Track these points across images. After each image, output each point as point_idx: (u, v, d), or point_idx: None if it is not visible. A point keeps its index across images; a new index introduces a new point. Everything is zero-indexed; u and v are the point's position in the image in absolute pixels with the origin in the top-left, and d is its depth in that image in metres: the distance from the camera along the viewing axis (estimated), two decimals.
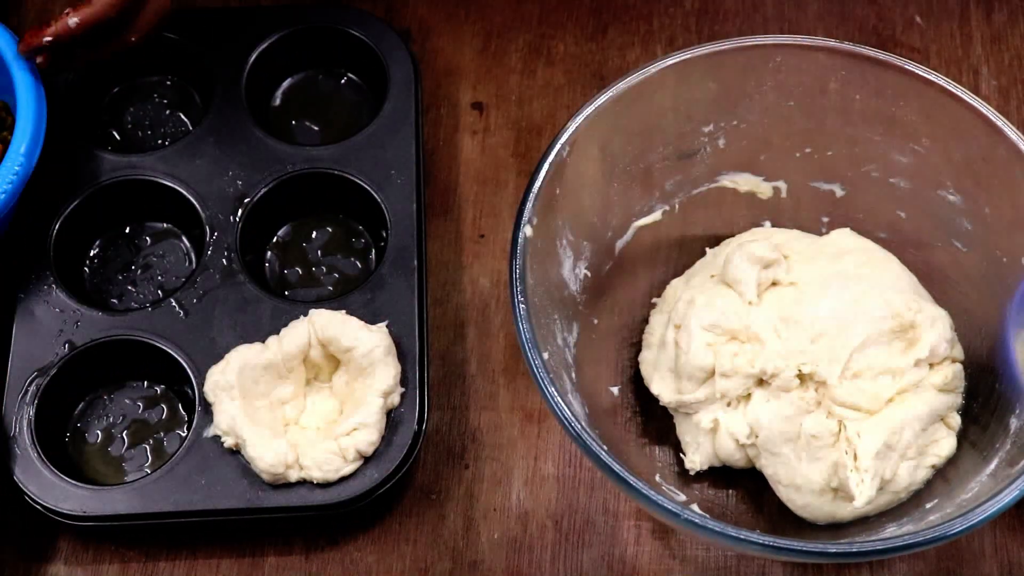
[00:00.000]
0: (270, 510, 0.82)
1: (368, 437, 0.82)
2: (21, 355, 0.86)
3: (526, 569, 0.84)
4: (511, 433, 0.88)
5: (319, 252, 0.94)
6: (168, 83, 1.00)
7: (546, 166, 0.79)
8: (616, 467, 0.72)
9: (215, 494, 0.82)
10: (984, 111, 0.80)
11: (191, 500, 0.82)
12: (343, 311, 0.86)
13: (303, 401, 0.86)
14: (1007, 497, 0.71)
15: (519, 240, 0.77)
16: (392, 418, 0.84)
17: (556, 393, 0.74)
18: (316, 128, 0.98)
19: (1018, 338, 0.80)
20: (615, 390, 0.87)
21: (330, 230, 0.94)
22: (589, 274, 0.85)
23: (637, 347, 0.87)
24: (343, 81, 1.00)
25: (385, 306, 0.87)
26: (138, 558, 0.85)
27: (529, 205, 0.78)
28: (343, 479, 0.82)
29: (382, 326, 0.86)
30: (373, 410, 0.83)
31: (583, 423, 0.74)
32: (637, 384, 0.87)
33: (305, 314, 0.86)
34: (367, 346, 0.84)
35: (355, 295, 0.88)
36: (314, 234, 0.94)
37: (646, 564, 0.84)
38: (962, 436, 0.82)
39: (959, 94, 0.81)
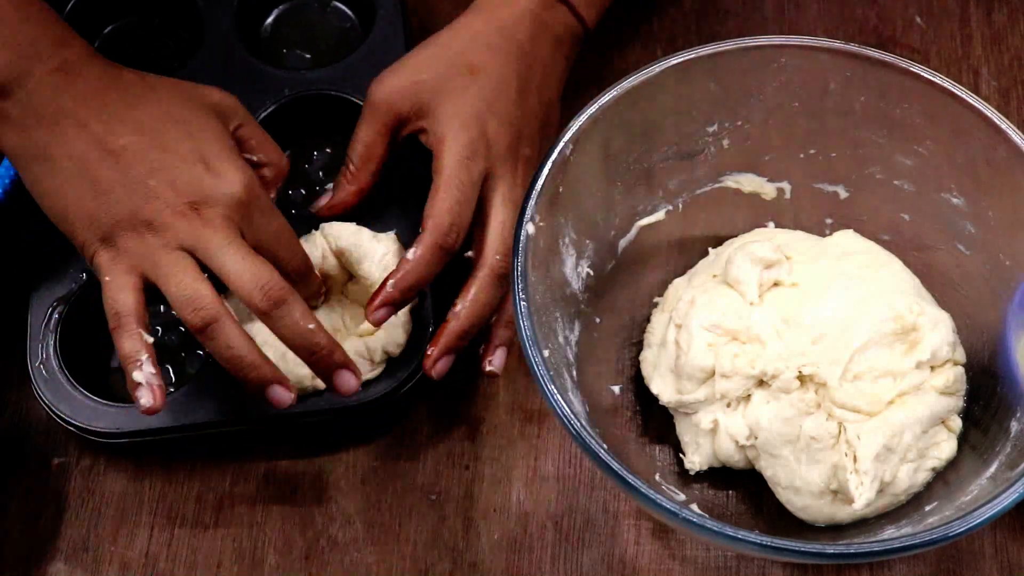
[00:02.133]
0: (298, 416, 0.83)
1: (396, 338, 0.84)
2: (41, 286, 0.88)
3: (526, 569, 0.84)
4: (511, 433, 0.88)
5: (320, 173, 0.95)
6: (158, 22, 1.00)
7: (549, 164, 0.79)
8: (616, 466, 0.72)
9: (245, 404, 0.83)
10: (987, 113, 0.80)
11: (223, 410, 0.83)
12: (353, 223, 0.87)
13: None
14: (1006, 500, 0.71)
15: (521, 238, 0.77)
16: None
17: (556, 391, 0.74)
18: (307, 56, 1.00)
19: (1019, 341, 0.79)
20: (616, 389, 0.87)
21: (329, 151, 0.96)
22: (591, 272, 0.85)
23: (638, 346, 0.87)
24: (328, 8, 1.01)
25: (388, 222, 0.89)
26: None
27: (532, 203, 0.78)
28: (367, 383, 0.84)
29: (391, 234, 0.87)
30: (404, 309, 0.84)
31: (583, 422, 0.73)
32: (638, 383, 0.87)
33: (316, 228, 0.87)
34: (380, 252, 0.85)
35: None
36: (314, 155, 0.95)
37: (646, 564, 0.84)
38: (962, 439, 0.82)
39: (962, 96, 0.81)
